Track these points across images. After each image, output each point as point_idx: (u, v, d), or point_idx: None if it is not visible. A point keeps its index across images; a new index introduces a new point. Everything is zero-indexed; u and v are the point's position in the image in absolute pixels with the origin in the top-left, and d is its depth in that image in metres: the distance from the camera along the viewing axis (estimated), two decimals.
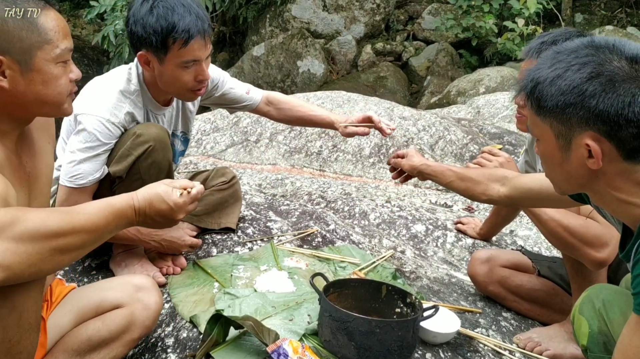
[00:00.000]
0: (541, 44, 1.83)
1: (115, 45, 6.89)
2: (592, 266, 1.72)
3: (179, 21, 1.76)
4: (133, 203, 1.28)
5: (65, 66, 1.30)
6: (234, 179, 2.42)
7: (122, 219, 1.27)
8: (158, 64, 1.84)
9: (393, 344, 1.56)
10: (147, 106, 1.99)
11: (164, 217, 1.33)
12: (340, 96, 5.05)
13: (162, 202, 1.31)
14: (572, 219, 1.72)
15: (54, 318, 1.49)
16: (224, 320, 1.62)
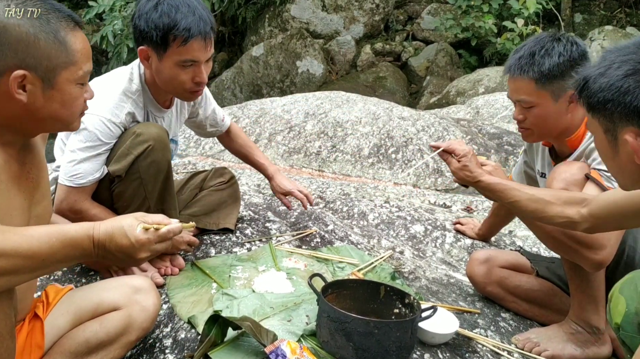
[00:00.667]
0: (519, 59, 1.78)
1: (114, 45, 6.90)
2: (590, 268, 1.71)
3: (181, 19, 1.77)
4: (92, 234, 1.18)
5: (83, 87, 1.32)
6: (233, 179, 2.42)
7: (74, 249, 1.16)
8: (157, 60, 1.84)
9: (391, 345, 1.56)
10: (147, 107, 1.99)
11: (125, 254, 1.21)
12: (339, 96, 5.05)
13: (124, 236, 1.19)
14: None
15: (51, 319, 1.48)
16: (222, 321, 1.62)
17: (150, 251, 1.23)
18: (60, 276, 2.04)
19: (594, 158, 1.75)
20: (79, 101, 1.31)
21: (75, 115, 1.33)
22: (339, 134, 4.51)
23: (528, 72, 1.76)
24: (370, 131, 4.49)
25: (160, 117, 2.06)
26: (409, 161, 4.28)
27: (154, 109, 2.02)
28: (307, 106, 4.84)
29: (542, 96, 1.78)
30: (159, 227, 1.23)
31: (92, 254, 1.18)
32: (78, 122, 1.37)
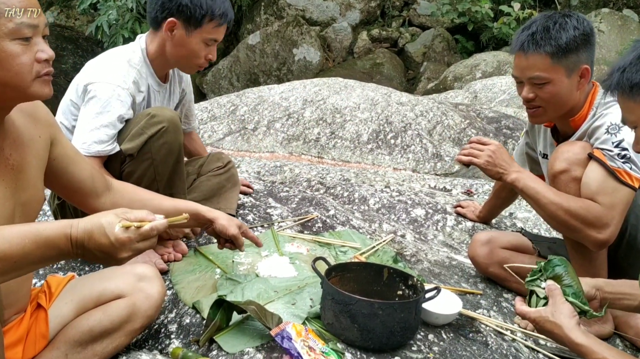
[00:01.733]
0: (532, 34, 1.76)
1: (109, 35, 6.86)
2: (594, 247, 1.72)
3: (221, 4, 1.99)
4: (70, 232, 1.10)
5: (27, 44, 1.17)
6: (230, 164, 2.43)
7: (50, 249, 1.09)
8: (184, 34, 1.99)
9: (396, 325, 1.57)
10: (148, 80, 2.07)
11: (105, 254, 1.12)
12: (337, 83, 5.04)
13: (103, 235, 1.10)
14: (572, 201, 1.72)
15: (55, 309, 1.48)
16: (226, 305, 1.62)
17: (132, 250, 1.13)
18: (64, 265, 2.05)
19: (596, 137, 1.75)
20: (20, 60, 1.16)
21: (23, 77, 1.17)
22: (338, 121, 4.50)
23: (545, 47, 1.74)
24: (368, 116, 4.48)
25: (158, 92, 2.13)
26: (408, 146, 4.28)
27: (154, 83, 2.10)
28: (305, 92, 4.83)
29: (557, 71, 1.76)
30: (141, 224, 1.14)
31: (71, 253, 1.11)
32: (41, 87, 1.21)
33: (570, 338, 1.36)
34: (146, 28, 7.11)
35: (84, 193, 1.51)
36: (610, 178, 1.69)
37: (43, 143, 1.38)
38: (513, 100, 5.57)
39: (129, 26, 6.82)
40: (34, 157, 1.34)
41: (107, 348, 1.51)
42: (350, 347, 1.60)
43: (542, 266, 1.54)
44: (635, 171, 1.70)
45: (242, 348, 1.56)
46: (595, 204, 1.70)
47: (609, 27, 8.43)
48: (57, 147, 1.42)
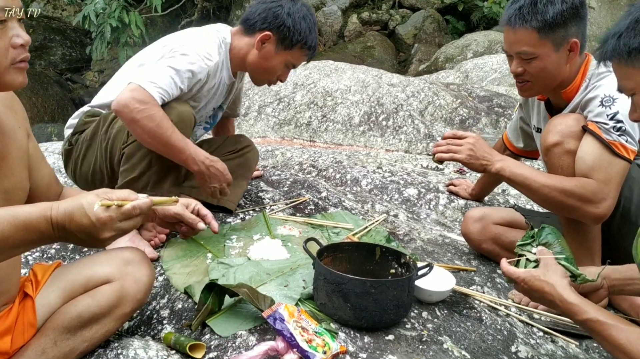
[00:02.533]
0: (520, 8, 1.73)
1: (97, 24, 6.77)
2: (592, 222, 1.71)
3: (314, 39, 2.13)
4: (50, 214, 1.07)
5: (2, 28, 1.12)
6: (247, 148, 2.36)
7: (30, 232, 1.06)
8: (273, 49, 2.10)
9: (389, 303, 1.56)
10: (223, 72, 2.16)
11: (87, 235, 1.09)
12: (327, 66, 5.00)
13: (84, 215, 1.07)
14: (566, 181, 1.71)
15: (42, 297, 1.46)
16: (218, 289, 1.61)
17: (114, 229, 1.09)
18: (54, 254, 2.03)
19: (590, 110, 1.73)
20: None
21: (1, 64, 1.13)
22: (329, 104, 4.47)
23: (531, 22, 1.72)
24: (360, 99, 4.46)
25: (226, 85, 2.22)
26: (399, 128, 4.26)
27: (226, 77, 2.19)
28: (295, 76, 4.79)
29: (544, 46, 1.74)
30: (122, 203, 1.11)
31: (52, 236, 1.08)
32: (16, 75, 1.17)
33: (562, 296, 1.34)
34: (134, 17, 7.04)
35: (35, 198, 1.45)
36: (605, 152, 1.68)
37: (23, 133, 1.36)
38: (504, 78, 5.55)
39: (116, 15, 6.74)
40: (15, 147, 1.32)
41: (96, 334, 1.48)
42: (343, 326, 1.59)
43: (534, 233, 1.53)
44: (631, 143, 1.69)
45: (234, 331, 1.55)
46: (589, 180, 1.68)
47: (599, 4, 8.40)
48: (30, 143, 1.40)
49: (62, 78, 8.98)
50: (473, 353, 1.58)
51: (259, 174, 2.68)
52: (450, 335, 1.63)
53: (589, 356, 1.72)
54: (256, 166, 2.51)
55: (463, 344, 1.61)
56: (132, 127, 1.85)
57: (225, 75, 2.17)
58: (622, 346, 1.24)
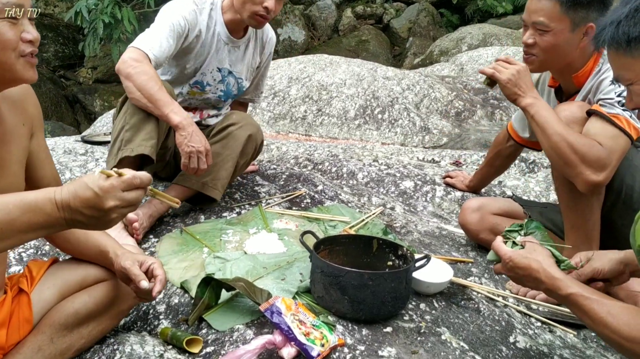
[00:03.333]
0: None
1: (89, 20, 6.72)
2: (584, 187, 1.67)
3: None
4: (54, 196, 1.07)
5: (14, 24, 1.19)
6: (232, 126, 2.21)
7: (36, 214, 1.06)
8: None
9: (386, 295, 1.55)
10: (215, 28, 2.20)
11: (92, 208, 1.08)
12: (322, 59, 4.98)
13: (86, 189, 1.07)
14: (578, 137, 1.69)
15: (37, 293, 1.44)
16: (214, 283, 1.60)
17: (118, 199, 1.08)
18: (48, 251, 2.01)
19: (600, 90, 1.73)
20: (6, 37, 1.17)
21: (9, 54, 1.19)
22: (324, 97, 4.45)
23: None
24: (355, 92, 4.44)
25: (226, 45, 2.24)
26: (395, 121, 4.25)
27: (223, 34, 2.22)
28: (290, 70, 4.77)
29: (562, 22, 1.75)
30: (122, 173, 1.10)
31: (59, 218, 1.08)
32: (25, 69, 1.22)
33: (548, 271, 1.33)
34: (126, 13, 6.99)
35: None
36: (609, 125, 1.67)
37: (26, 131, 1.37)
38: None
39: (108, 11, 6.69)
40: (15, 146, 1.33)
41: (93, 331, 1.48)
42: (341, 319, 1.58)
43: (523, 224, 1.53)
44: (635, 120, 1.67)
45: (231, 325, 1.54)
46: (597, 144, 1.66)
47: None
48: (33, 141, 1.40)
49: (55, 75, 8.93)
50: (471, 343, 1.57)
51: (254, 169, 2.66)
52: (448, 326, 1.63)
53: (587, 346, 1.71)
54: (253, 148, 2.24)
55: (461, 335, 1.60)
56: (126, 82, 1.98)
57: (221, 31, 2.21)
58: (603, 319, 1.22)
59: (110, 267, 1.46)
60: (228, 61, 2.29)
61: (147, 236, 2.07)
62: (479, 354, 1.53)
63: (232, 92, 2.37)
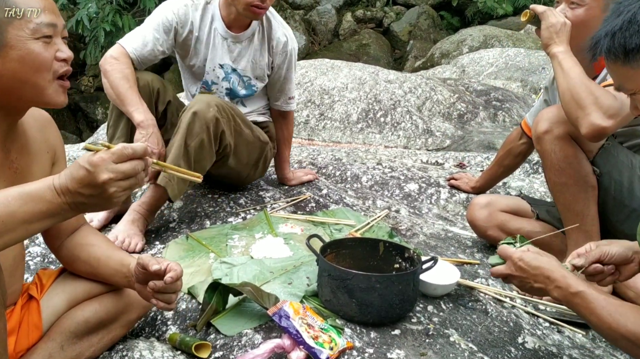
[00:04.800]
0: None
1: (90, 29, 6.75)
2: (590, 130, 1.64)
3: None
4: (52, 183, 1.07)
5: (48, 43, 1.21)
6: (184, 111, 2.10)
7: (37, 203, 1.05)
8: None
9: (394, 298, 1.55)
10: (214, 24, 2.22)
11: (88, 186, 1.06)
12: (323, 64, 4.99)
13: (79, 168, 1.06)
14: (597, 86, 1.69)
15: (47, 300, 1.45)
16: (222, 288, 1.60)
17: (110, 171, 1.05)
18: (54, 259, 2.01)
19: None
20: (42, 57, 1.19)
21: (45, 76, 1.21)
22: (326, 102, 4.46)
23: None
24: (357, 96, 4.45)
25: (225, 40, 2.25)
26: (398, 124, 4.25)
27: (220, 29, 2.23)
28: None
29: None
30: (110, 145, 1.08)
31: (61, 203, 1.06)
32: (56, 91, 1.24)
33: (560, 269, 1.32)
34: (127, 21, 7.02)
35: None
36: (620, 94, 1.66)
37: (49, 159, 1.39)
38: (501, 72, 5.55)
39: (109, 19, 6.73)
40: (38, 168, 1.35)
41: (103, 339, 1.48)
42: (349, 322, 1.58)
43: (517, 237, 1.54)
44: None
45: (240, 330, 1.54)
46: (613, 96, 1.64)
47: None
48: (54, 170, 1.41)
49: None
50: (480, 345, 1.57)
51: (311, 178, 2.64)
52: (456, 328, 1.63)
53: (596, 345, 1.71)
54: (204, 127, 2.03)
55: (470, 337, 1.60)
56: (104, 79, 2.08)
57: (219, 26, 2.23)
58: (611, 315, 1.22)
59: (128, 284, 1.43)
60: (229, 57, 2.27)
61: (154, 242, 2.07)
62: (488, 355, 1.53)
63: (239, 92, 2.34)
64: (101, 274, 1.46)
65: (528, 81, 5.27)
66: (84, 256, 1.46)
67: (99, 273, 1.46)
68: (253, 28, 2.27)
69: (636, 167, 1.79)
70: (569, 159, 1.76)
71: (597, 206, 1.81)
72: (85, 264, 1.46)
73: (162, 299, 1.37)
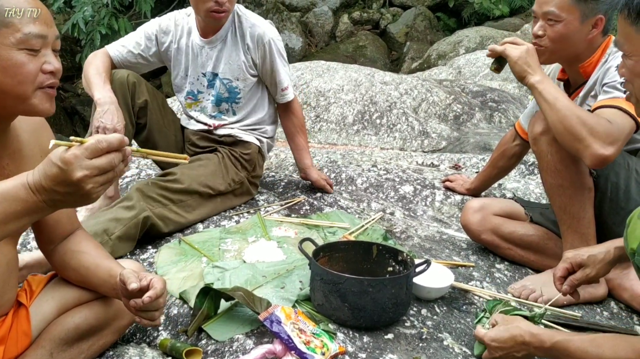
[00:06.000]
0: None
1: (86, 32, 6.73)
2: (592, 161, 1.63)
3: None
4: (26, 180, 1.04)
5: (35, 55, 1.17)
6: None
7: (12, 202, 1.03)
8: None
9: (387, 302, 1.54)
10: (192, 36, 2.30)
11: (63, 184, 1.02)
12: (319, 66, 4.98)
13: (52, 165, 1.02)
14: (587, 113, 1.67)
15: (36, 307, 1.43)
16: (213, 293, 1.59)
17: (85, 168, 1.01)
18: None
19: (605, 75, 1.73)
20: (26, 69, 1.16)
21: (25, 87, 1.17)
22: (322, 104, 4.45)
23: None
24: (353, 98, 4.44)
25: (201, 48, 2.30)
26: (394, 125, 4.24)
27: (196, 38, 2.30)
28: None
29: (572, 13, 1.76)
30: (82, 140, 1.03)
31: (37, 201, 1.03)
32: (40, 101, 1.20)
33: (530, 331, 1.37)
34: (123, 24, 7.01)
35: (40, 230, 1.44)
36: (615, 110, 1.65)
37: None
38: None
39: (105, 22, 6.70)
40: None
41: (93, 346, 1.46)
42: (342, 327, 1.57)
43: (484, 308, 1.61)
44: None
45: (231, 335, 1.53)
46: (606, 120, 1.64)
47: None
48: None
49: None
50: (474, 348, 1.55)
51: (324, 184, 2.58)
52: (450, 332, 1.61)
53: None
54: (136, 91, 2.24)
55: (464, 341, 1.58)
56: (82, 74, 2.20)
57: (195, 36, 2.30)
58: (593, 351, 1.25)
59: (115, 295, 1.41)
60: (208, 64, 2.30)
61: (146, 246, 2.05)
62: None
63: (223, 96, 2.35)
64: (90, 283, 1.44)
65: None
66: (73, 263, 1.44)
67: (88, 282, 1.44)
68: (225, 29, 2.28)
69: (633, 169, 1.78)
70: (565, 160, 1.75)
71: (593, 208, 1.80)
72: (75, 272, 1.44)
73: (145, 317, 1.35)
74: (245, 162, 2.36)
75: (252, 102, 2.40)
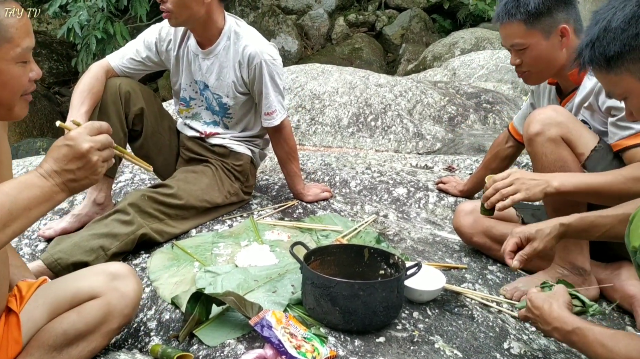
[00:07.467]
0: (505, 4, 1.82)
1: (82, 37, 6.72)
2: None
3: None
4: (37, 171, 1.16)
5: (26, 65, 1.24)
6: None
7: (31, 189, 1.14)
8: None
9: (378, 305, 1.54)
10: (188, 43, 2.29)
11: (74, 159, 1.16)
12: (314, 68, 4.99)
13: (60, 147, 1.16)
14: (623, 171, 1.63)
15: (27, 313, 1.43)
16: (204, 298, 1.59)
17: (90, 141, 1.16)
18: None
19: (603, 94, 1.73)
20: (20, 81, 1.23)
21: (16, 97, 1.24)
22: (317, 106, 4.45)
23: (515, 15, 1.80)
24: (348, 100, 4.44)
25: (196, 57, 2.29)
26: (388, 128, 4.24)
27: (192, 46, 2.29)
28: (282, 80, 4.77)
29: (534, 36, 1.80)
30: (79, 123, 1.22)
31: (52, 186, 1.15)
32: (21, 108, 1.27)
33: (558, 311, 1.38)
34: (119, 28, 7.00)
35: None
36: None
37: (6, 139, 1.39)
38: (491, 74, 5.55)
39: (100, 26, 6.69)
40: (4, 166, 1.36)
41: (83, 351, 1.45)
42: (333, 331, 1.57)
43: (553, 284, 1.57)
44: None
45: (222, 341, 1.53)
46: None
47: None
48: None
49: (50, 92, 8.92)
50: (465, 351, 1.56)
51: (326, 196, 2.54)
52: (441, 334, 1.61)
53: None
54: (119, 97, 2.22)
55: (455, 343, 1.58)
56: None
57: (192, 43, 2.28)
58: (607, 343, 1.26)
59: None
60: (200, 73, 2.30)
61: (139, 251, 2.05)
62: None
63: (214, 108, 2.34)
64: None
65: (519, 83, 5.27)
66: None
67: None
68: (222, 44, 2.23)
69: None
70: (560, 161, 1.75)
71: (587, 209, 1.80)
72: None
73: None
74: (238, 173, 2.34)
75: (245, 119, 2.38)
